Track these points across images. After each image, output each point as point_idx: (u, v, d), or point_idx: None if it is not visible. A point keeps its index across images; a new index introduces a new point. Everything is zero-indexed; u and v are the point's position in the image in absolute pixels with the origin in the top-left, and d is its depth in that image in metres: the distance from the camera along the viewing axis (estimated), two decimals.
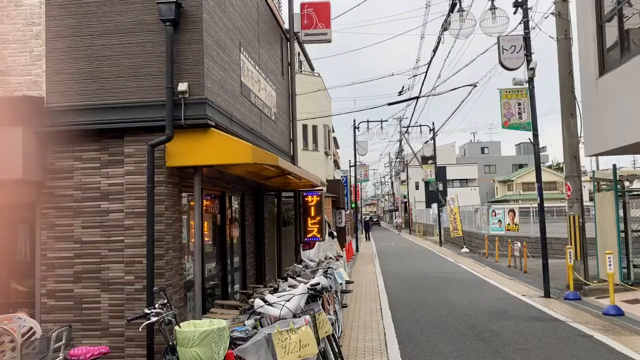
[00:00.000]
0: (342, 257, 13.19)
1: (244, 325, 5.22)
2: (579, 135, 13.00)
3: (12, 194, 6.74)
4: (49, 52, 6.76)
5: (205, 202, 8.10)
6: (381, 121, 32.01)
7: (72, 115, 6.62)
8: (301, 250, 12.01)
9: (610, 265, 10.50)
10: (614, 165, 13.04)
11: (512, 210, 23.43)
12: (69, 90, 6.69)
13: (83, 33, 6.75)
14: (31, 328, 5.65)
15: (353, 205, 40.36)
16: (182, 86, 6.49)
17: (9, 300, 6.86)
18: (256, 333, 4.85)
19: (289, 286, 6.86)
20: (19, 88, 6.76)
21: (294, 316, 5.21)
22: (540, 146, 13.44)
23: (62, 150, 6.75)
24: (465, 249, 27.14)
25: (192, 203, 7.42)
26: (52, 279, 6.63)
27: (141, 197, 6.51)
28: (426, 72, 20.99)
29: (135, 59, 6.67)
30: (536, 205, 14.06)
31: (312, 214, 13.04)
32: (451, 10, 13.85)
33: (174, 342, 4.63)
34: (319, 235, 13.08)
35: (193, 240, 7.32)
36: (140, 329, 5.06)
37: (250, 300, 6.09)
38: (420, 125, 35.28)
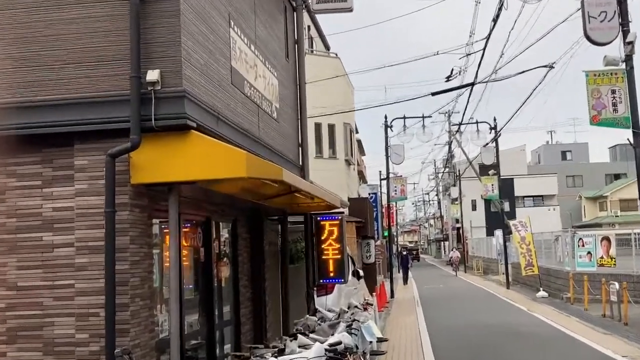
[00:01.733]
0: (371, 305, 13.15)
1: None
2: None
3: None
4: None
5: (184, 232, 8.13)
6: (423, 117, 32.01)
7: (1, 116, 6.69)
8: (315, 296, 12.00)
9: None
10: None
11: (606, 238, 23.16)
12: None
13: (15, 6, 6.83)
14: None
15: (386, 234, 40.29)
16: (153, 75, 6.54)
17: None
18: None
19: (299, 346, 6.85)
20: None
21: None
22: None
23: None
24: (542, 293, 26.89)
25: (166, 233, 7.45)
26: None
27: (97, 226, 6.54)
28: (484, 49, 20.71)
29: (88, 40, 6.73)
30: (639, 230, 13.92)
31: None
32: None
33: None
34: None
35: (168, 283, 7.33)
36: None
37: None
38: (477, 122, 34.90)
